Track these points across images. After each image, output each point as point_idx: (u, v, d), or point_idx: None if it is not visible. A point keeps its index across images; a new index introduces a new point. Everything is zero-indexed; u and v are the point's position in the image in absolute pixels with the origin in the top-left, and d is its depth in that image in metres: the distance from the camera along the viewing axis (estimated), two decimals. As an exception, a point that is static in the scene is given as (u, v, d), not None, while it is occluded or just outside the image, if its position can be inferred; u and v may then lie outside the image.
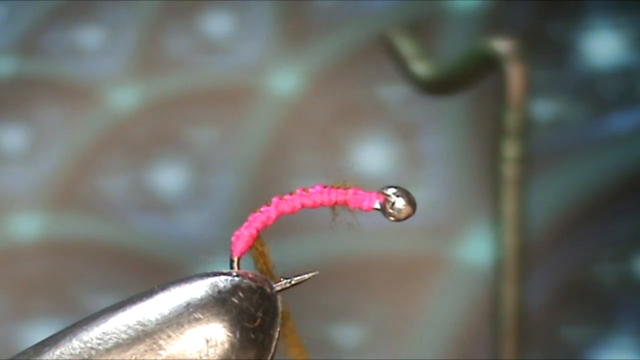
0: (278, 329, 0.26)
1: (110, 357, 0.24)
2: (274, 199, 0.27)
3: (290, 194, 0.27)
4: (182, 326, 0.25)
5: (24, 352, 0.25)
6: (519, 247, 0.63)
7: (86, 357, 0.24)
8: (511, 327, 0.61)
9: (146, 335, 0.24)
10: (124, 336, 0.24)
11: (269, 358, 0.25)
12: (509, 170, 0.63)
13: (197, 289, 0.25)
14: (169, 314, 0.25)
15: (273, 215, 0.27)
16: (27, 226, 0.71)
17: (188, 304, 0.25)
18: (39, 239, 0.70)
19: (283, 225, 0.27)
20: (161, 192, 0.70)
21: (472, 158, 0.68)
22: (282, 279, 0.26)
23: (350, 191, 0.27)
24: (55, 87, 0.76)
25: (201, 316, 0.25)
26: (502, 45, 0.61)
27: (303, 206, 0.27)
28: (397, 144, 0.69)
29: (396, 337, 0.65)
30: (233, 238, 0.27)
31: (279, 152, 0.70)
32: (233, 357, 0.25)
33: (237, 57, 0.73)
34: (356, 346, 0.64)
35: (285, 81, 0.72)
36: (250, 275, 0.26)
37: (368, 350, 0.64)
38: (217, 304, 0.25)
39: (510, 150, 0.62)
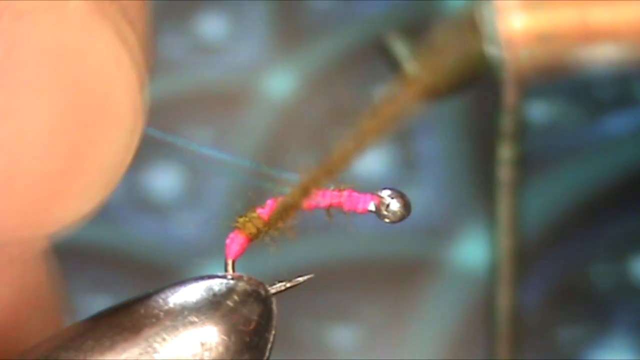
0: (273, 332, 0.26)
1: (104, 361, 0.24)
2: (269, 202, 0.27)
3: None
4: (177, 329, 0.25)
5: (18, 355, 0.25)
6: (514, 249, 0.63)
7: (81, 359, 0.24)
8: (506, 329, 0.61)
9: (141, 338, 0.24)
10: (119, 339, 0.24)
11: (264, 361, 0.25)
12: (504, 173, 0.63)
13: (192, 292, 0.25)
14: (164, 317, 0.25)
15: (268, 217, 0.27)
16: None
17: (183, 308, 0.25)
18: (34, 241, 0.70)
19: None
20: (155, 194, 0.70)
21: (467, 160, 0.68)
22: (277, 282, 0.26)
23: (345, 193, 0.27)
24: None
25: (196, 319, 0.25)
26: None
27: (298, 208, 0.27)
28: (392, 147, 0.69)
29: (390, 339, 0.65)
30: (228, 241, 0.27)
31: (274, 154, 0.70)
32: (228, 360, 0.25)
33: (232, 59, 0.73)
34: (351, 348, 0.64)
35: (280, 83, 0.71)
36: (245, 279, 0.26)
37: (362, 352, 0.64)
38: (212, 307, 0.25)
39: (506, 152, 0.62)
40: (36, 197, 0.21)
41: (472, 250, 0.65)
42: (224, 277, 0.26)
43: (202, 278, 0.26)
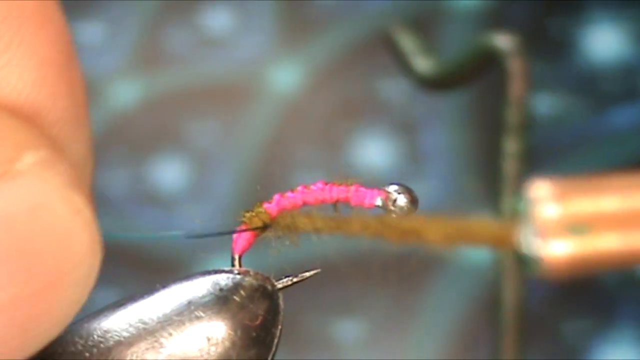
0: (280, 327, 0.26)
1: (111, 356, 0.24)
2: (276, 196, 0.27)
3: (292, 191, 0.27)
4: (184, 324, 0.25)
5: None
6: (520, 243, 0.62)
7: (87, 355, 0.24)
8: (511, 323, 0.61)
9: (147, 333, 0.24)
10: (125, 334, 0.24)
11: (270, 356, 0.25)
12: (510, 166, 0.63)
13: (199, 287, 0.25)
14: (171, 312, 0.25)
15: (274, 212, 0.27)
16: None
17: (189, 302, 0.25)
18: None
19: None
20: (161, 188, 0.70)
21: (472, 153, 0.68)
22: (283, 277, 0.26)
23: (352, 188, 0.27)
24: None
25: (202, 314, 0.25)
26: (502, 41, 0.61)
27: (304, 203, 0.27)
28: (398, 140, 0.69)
29: (396, 333, 0.65)
30: (234, 235, 0.27)
31: (280, 148, 0.70)
32: (234, 356, 0.25)
33: (238, 53, 0.73)
34: (356, 342, 0.64)
35: (286, 77, 0.71)
36: (251, 274, 0.26)
37: (368, 347, 0.64)
38: (219, 302, 0.25)
39: (511, 145, 0.62)
40: None
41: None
42: (231, 272, 0.26)
43: (208, 273, 0.26)
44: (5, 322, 0.21)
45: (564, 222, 0.20)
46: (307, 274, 0.27)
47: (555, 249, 0.20)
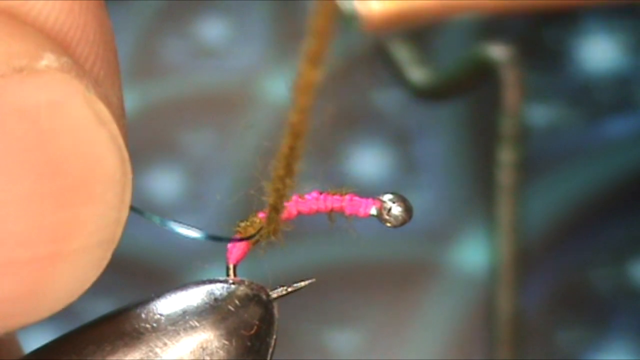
0: (274, 336, 0.26)
1: (106, 365, 0.24)
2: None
3: (287, 200, 0.27)
4: (178, 334, 0.25)
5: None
6: (515, 252, 0.63)
7: (82, 364, 0.24)
8: (506, 332, 0.61)
9: (142, 343, 0.24)
10: (120, 344, 0.24)
11: (265, 366, 0.25)
12: (505, 176, 0.63)
13: (193, 297, 0.25)
14: (165, 321, 0.25)
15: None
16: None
17: (184, 312, 0.25)
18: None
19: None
20: (157, 198, 0.70)
21: (468, 164, 0.68)
22: (278, 286, 0.26)
23: (347, 198, 0.27)
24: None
25: (197, 324, 0.25)
26: (497, 52, 0.62)
27: (299, 213, 0.27)
28: (393, 150, 0.69)
29: (391, 342, 0.65)
30: (229, 245, 0.27)
31: (275, 158, 0.70)
32: (229, 365, 0.25)
33: (233, 63, 0.73)
34: (351, 352, 0.64)
35: (280, 87, 0.71)
36: (246, 283, 0.26)
37: (363, 355, 0.64)
38: (214, 311, 0.25)
39: (506, 155, 0.62)
40: (23, 284, 0.21)
41: (472, 253, 0.65)
42: (225, 281, 0.26)
43: (203, 282, 0.26)
44: (27, 216, 0.20)
45: None
46: (302, 284, 0.27)
47: (370, 5, 0.20)
